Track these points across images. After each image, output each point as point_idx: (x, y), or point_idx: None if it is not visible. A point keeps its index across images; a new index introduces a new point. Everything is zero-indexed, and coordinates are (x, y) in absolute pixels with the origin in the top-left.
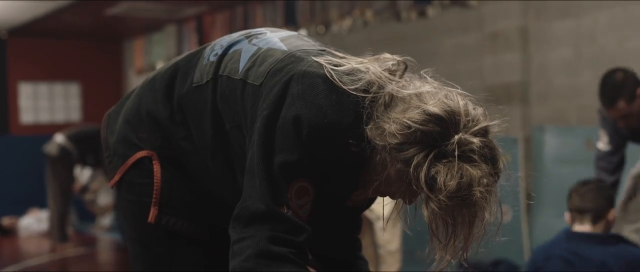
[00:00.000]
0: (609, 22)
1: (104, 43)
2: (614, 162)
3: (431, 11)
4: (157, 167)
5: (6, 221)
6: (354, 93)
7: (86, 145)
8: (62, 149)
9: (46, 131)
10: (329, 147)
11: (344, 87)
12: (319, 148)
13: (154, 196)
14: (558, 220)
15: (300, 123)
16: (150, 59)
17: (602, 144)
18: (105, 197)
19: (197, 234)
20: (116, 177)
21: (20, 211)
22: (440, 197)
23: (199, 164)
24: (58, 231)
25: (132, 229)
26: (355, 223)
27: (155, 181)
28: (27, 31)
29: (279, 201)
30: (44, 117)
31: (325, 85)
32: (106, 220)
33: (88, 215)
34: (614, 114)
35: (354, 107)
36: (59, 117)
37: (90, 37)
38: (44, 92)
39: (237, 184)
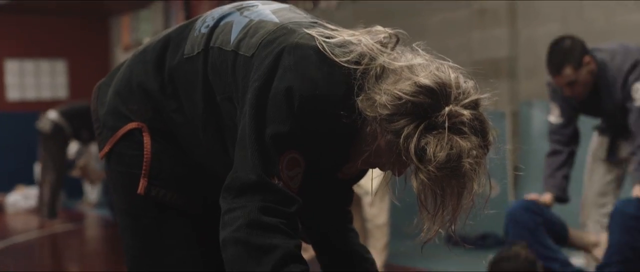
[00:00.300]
0: None
1: (90, 20)
2: (567, 134)
3: None
4: (147, 139)
5: None
6: (346, 65)
7: (80, 121)
8: (56, 126)
9: (33, 108)
10: (320, 118)
11: (336, 59)
12: (310, 119)
13: (143, 167)
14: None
15: (292, 95)
16: (137, 35)
17: (554, 117)
18: (96, 171)
19: (186, 206)
20: (106, 149)
21: (7, 188)
22: (430, 168)
23: (190, 136)
24: (48, 207)
25: (122, 201)
26: (346, 195)
27: (145, 152)
28: (13, 8)
29: (270, 172)
30: (31, 94)
31: (317, 57)
32: (94, 195)
33: (75, 191)
34: (560, 81)
35: (346, 79)
36: (46, 94)
37: (77, 14)
38: (30, 69)
39: (228, 156)
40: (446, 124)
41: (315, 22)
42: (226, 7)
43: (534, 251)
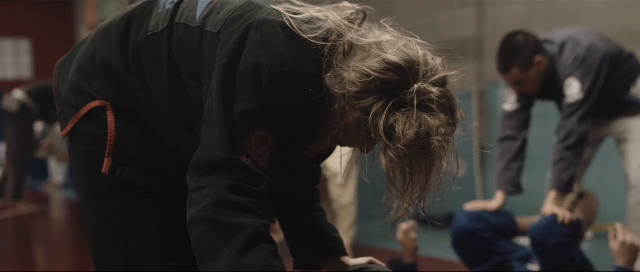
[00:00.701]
0: None
1: (54, 2)
2: (523, 119)
3: None
4: (111, 118)
5: None
6: (314, 41)
7: (47, 100)
8: (22, 106)
9: None
10: (289, 95)
11: (304, 35)
12: (278, 97)
13: (107, 146)
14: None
15: (260, 71)
16: (102, 14)
17: (509, 104)
18: (62, 150)
19: (151, 185)
20: (68, 127)
21: None
22: (399, 146)
23: (155, 114)
24: (13, 189)
25: (85, 180)
26: (314, 173)
27: (109, 131)
28: None
29: (238, 150)
30: None
31: (284, 34)
32: (59, 177)
33: (41, 173)
34: (509, 79)
35: (314, 56)
36: (9, 73)
37: None
38: None
39: (193, 134)
40: (415, 102)
41: None
42: None
43: (492, 264)
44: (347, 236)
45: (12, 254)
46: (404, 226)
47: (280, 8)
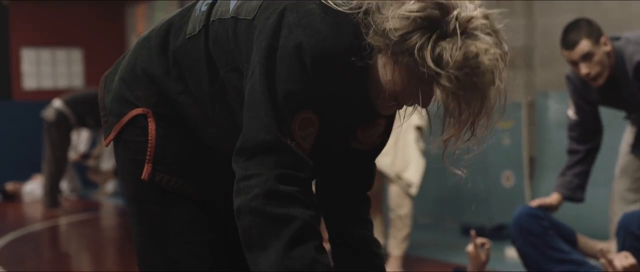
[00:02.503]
0: None
1: (106, 8)
2: (583, 132)
3: None
4: (152, 125)
5: (10, 186)
6: (349, 12)
7: (84, 107)
8: (59, 114)
9: (48, 97)
10: (333, 70)
11: (339, 8)
12: (323, 74)
13: (147, 153)
14: None
15: (303, 51)
16: (152, 24)
17: (571, 112)
18: (107, 163)
19: (192, 193)
20: (111, 135)
21: (24, 177)
22: (450, 71)
23: (199, 117)
24: (48, 197)
25: (128, 188)
26: (366, 174)
27: (149, 138)
28: None
29: (284, 132)
30: (47, 83)
31: (320, 10)
32: (110, 186)
33: (92, 181)
34: (575, 56)
35: (351, 26)
36: (62, 83)
37: (93, 2)
38: (46, 57)
39: (239, 132)
40: (458, 30)
41: None
42: None
43: (546, 256)
44: (401, 247)
45: (61, 261)
46: (478, 240)
47: None
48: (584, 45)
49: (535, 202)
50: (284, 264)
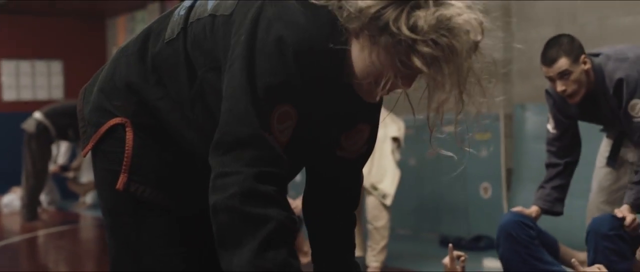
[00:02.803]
0: (588, 1)
1: (87, 21)
2: (561, 146)
3: None
4: (129, 135)
5: None
6: (325, 3)
7: (65, 119)
8: (40, 126)
9: (28, 109)
10: (314, 62)
11: (315, 1)
12: (304, 66)
13: (124, 162)
14: None
15: (284, 43)
16: (133, 36)
17: (550, 127)
18: (87, 175)
19: (167, 204)
20: (89, 146)
21: (3, 189)
22: (425, 35)
23: (178, 121)
24: (27, 209)
25: (104, 199)
26: (353, 188)
27: (126, 148)
28: (9, 8)
29: (262, 125)
30: (26, 95)
31: (298, 4)
32: (89, 197)
33: (71, 192)
34: (553, 72)
35: (328, 17)
36: (42, 94)
37: (74, 15)
38: (26, 69)
39: None
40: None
41: None
42: None
43: (528, 265)
44: (378, 259)
45: None
46: (454, 252)
47: None
48: (562, 63)
49: (517, 209)
50: (257, 264)
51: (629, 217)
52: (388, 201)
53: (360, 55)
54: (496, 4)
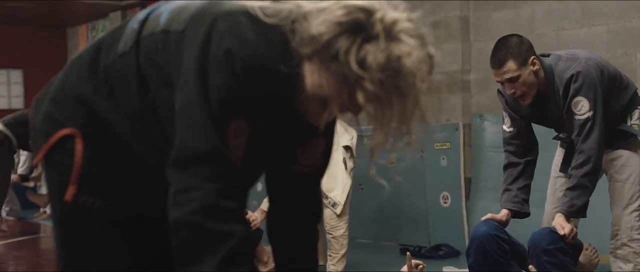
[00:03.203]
0: (545, 13)
1: (48, 29)
2: (520, 144)
3: None
4: (79, 146)
5: None
6: (278, 23)
7: (26, 129)
8: (1, 135)
9: None
10: (264, 80)
11: (268, 20)
12: (254, 82)
13: (72, 174)
14: (496, 205)
15: (233, 57)
16: None
17: (506, 127)
18: (42, 196)
19: (117, 215)
20: (39, 156)
21: None
22: (373, 73)
23: (128, 135)
24: None
25: (54, 209)
26: (313, 202)
27: (75, 159)
28: None
29: (220, 140)
30: None
31: (250, 21)
32: (49, 208)
33: (31, 203)
34: (502, 76)
35: (281, 37)
36: (1, 104)
37: (34, 23)
38: None
39: (170, 148)
40: (382, 33)
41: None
42: (159, 3)
43: None
44: (338, 267)
45: None
46: (412, 261)
47: (243, 2)
48: (510, 66)
49: (488, 217)
50: None
51: (567, 229)
52: (338, 210)
53: (310, 78)
54: (454, 15)
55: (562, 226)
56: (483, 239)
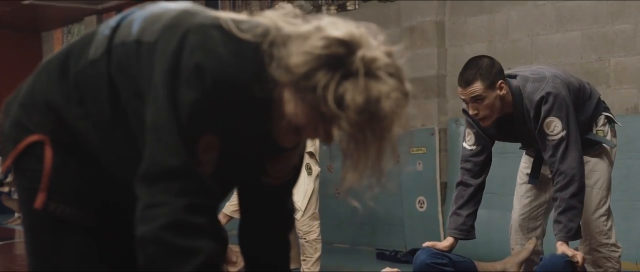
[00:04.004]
0: (520, 18)
1: (22, 33)
2: (479, 162)
3: (350, 5)
4: (48, 153)
5: None
6: (253, 39)
7: None
8: None
9: None
10: (234, 96)
11: (242, 35)
12: (224, 98)
13: (42, 181)
14: None
15: (203, 72)
16: None
17: (467, 144)
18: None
19: (88, 223)
20: (8, 162)
21: None
22: (350, 114)
23: (98, 143)
24: None
25: (24, 216)
26: (284, 213)
27: (45, 166)
28: None
29: (189, 156)
30: None
31: (222, 36)
32: None
33: (6, 207)
34: (467, 95)
35: (254, 54)
36: None
37: (8, 27)
38: None
39: (140, 157)
40: (361, 71)
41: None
42: (131, 9)
43: None
44: (313, 269)
45: None
46: (387, 269)
47: (217, 14)
48: (476, 87)
49: (428, 244)
50: None
51: (579, 257)
52: (298, 215)
53: (284, 104)
54: (430, 20)
55: (571, 254)
56: (422, 270)
